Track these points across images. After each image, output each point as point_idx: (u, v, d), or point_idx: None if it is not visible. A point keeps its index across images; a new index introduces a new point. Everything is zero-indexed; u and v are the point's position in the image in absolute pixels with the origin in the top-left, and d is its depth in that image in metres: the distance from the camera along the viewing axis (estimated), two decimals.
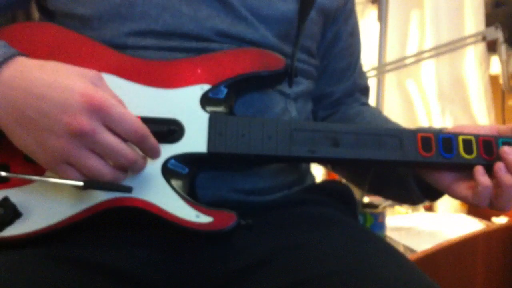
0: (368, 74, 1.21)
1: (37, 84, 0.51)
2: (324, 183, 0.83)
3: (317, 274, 0.55)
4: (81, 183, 0.52)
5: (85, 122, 0.50)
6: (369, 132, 0.63)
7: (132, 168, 0.55)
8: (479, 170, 0.62)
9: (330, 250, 0.59)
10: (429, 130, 0.65)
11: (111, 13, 0.65)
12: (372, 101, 1.19)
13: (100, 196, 0.56)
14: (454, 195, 0.66)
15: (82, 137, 0.50)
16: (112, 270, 0.56)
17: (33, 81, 0.51)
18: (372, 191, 0.82)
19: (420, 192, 0.70)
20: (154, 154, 0.57)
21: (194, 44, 0.65)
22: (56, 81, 0.51)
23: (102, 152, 0.52)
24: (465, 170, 0.64)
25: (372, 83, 1.71)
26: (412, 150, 0.63)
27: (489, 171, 0.62)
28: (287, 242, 0.61)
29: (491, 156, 0.63)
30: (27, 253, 0.55)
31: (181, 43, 0.65)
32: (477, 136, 0.64)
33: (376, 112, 0.85)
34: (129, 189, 0.54)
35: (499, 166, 0.61)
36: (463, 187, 0.65)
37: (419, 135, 0.63)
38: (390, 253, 0.61)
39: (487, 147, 0.63)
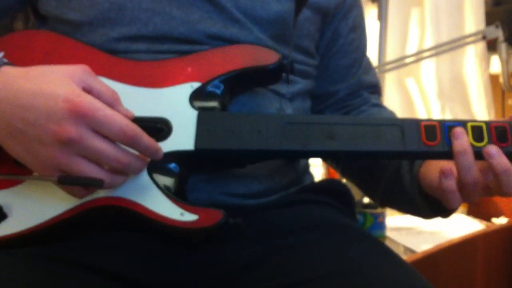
0: None
1: (22, 94, 0.51)
2: (322, 182, 0.82)
3: (307, 277, 0.55)
4: (55, 178, 0.51)
5: (71, 129, 0.49)
6: (367, 123, 0.59)
7: (128, 170, 0.54)
8: (444, 172, 0.57)
9: (323, 252, 0.59)
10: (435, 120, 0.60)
11: (100, 18, 0.65)
12: None
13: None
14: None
15: (71, 145, 0.50)
16: (103, 272, 0.56)
17: (18, 92, 0.51)
18: (384, 205, 0.79)
19: (430, 209, 0.67)
20: (153, 154, 0.55)
21: (186, 47, 0.65)
22: (40, 89, 0.51)
23: (93, 158, 0.51)
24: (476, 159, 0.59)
25: None
26: (415, 139, 0.58)
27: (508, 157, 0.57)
28: (280, 244, 0.61)
29: (506, 142, 0.58)
30: (15, 253, 0.55)
31: (173, 46, 0.64)
32: (488, 123, 0.59)
33: (388, 116, 0.81)
34: (100, 183, 0.52)
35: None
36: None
37: (423, 123, 0.59)
38: (384, 254, 0.61)
39: (500, 134, 0.59)
